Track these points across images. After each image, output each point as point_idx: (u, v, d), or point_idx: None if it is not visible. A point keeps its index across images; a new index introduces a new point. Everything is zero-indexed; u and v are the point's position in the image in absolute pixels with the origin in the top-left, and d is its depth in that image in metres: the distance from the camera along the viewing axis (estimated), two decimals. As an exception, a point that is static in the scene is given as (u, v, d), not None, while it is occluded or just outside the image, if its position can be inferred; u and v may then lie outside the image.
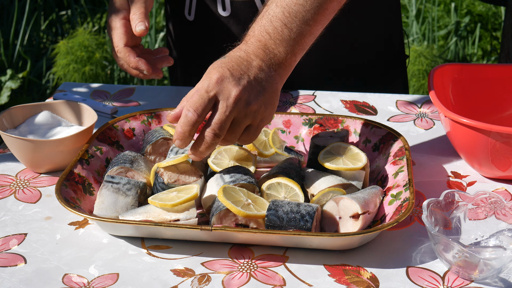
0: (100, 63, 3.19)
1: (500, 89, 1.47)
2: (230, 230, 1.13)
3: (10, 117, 1.38)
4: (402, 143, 1.32)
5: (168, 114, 1.21)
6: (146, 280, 1.11)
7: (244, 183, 1.22)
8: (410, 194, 1.19)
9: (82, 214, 1.16)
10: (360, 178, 1.26)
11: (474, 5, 3.80)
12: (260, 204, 1.18)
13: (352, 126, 1.40)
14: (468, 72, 1.47)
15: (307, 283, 1.10)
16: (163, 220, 1.16)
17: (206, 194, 1.23)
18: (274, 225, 1.15)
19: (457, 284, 1.10)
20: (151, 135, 1.36)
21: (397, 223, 1.14)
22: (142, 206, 1.20)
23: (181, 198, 1.17)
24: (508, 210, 1.15)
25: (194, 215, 1.16)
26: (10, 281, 1.10)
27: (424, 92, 3.23)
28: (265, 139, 1.34)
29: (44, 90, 3.41)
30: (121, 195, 1.21)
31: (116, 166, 1.26)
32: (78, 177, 1.26)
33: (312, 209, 1.15)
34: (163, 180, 1.23)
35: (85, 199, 1.24)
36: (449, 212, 1.17)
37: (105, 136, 1.36)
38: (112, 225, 1.17)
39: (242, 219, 1.17)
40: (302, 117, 1.42)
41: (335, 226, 1.18)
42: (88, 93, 1.64)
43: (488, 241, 1.16)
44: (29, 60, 3.43)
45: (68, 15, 3.86)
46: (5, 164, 1.38)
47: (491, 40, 3.73)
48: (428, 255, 1.16)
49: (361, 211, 1.16)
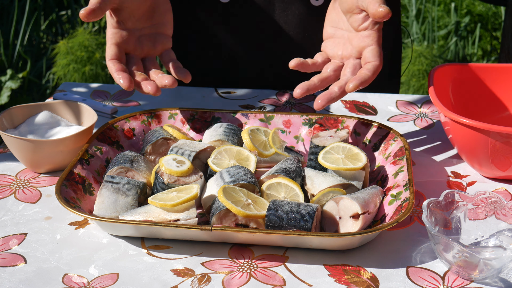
0: (100, 63, 3.19)
1: (500, 88, 1.47)
2: (230, 230, 1.13)
3: (10, 117, 1.38)
4: (402, 143, 1.32)
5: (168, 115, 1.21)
6: (146, 280, 1.11)
7: (244, 183, 1.21)
8: (410, 194, 1.19)
9: (82, 214, 1.16)
10: (360, 178, 1.26)
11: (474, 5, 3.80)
12: (260, 204, 1.18)
13: (352, 126, 1.39)
14: (468, 72, 1.47)
15: (307, 283, 1.10)
16: (163, 220, 1.16)
17: (206, 194, 1.23)
18: (274, 225, 1.15)
19: (457, 284, 1.10)
20: (151, 135, 1.36)
21: (397, 223, 1.14)
22: (142, 206, 1.19)
23: (181, 198, 1.17)
24: (508, 210, 1.15)
25: (194, 215, 1.16)
26: (10, 281, 1.10)
27: (424, 92, 3.23)
28: (265, 139, 1.34)
29: (44, 90, 3.42)
30: (121, 195, 1.21)
31: (116, 166, 1.26)
32: (78, 177, 1.26)
33: (312, 209, 1.15)
34: (163, 180, 1.23)
35: (85, 199, 1.24)
36: (449, 212, 1.17)
37: (105, 136, 1.36)
38: (112, 225, 1.17)
39: (242, 219, 1.17)
40: (302, 117, 1.42)
41: (335, 226, 1.18)
42: (88, 93, 1.65)
43: (488, 241, 1.16)
44: (29, 60, 3.43)
45: (68, 15, 3.86)
46: (5, 164, 1.38)
47: (491, 40, 3.73)
48: (428, 255, 1.16)
49: (361, 211, 1.16)
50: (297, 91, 1.25)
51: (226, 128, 1.37)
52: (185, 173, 1.23)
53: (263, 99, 1.62)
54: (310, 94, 1.27)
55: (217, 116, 1.43)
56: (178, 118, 1.43)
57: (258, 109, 1.44)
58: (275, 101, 1.61)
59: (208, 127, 1.40)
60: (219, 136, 1.35)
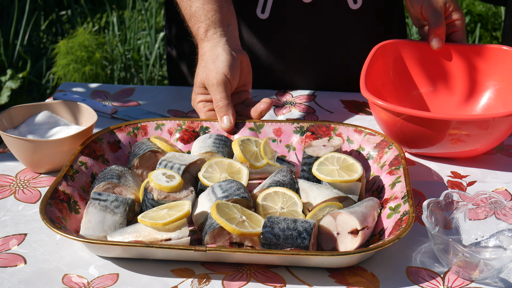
0: (100, 63, 3.18)
1: (433, 64, 1.53)
2: (226, 250, 1.09)
3: (10, 117, 1.38)
4: (398, 151, 1.29)
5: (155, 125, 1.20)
6: (146, 280, 1.11)
7: (237, 199, 1.17)
8: (409, 207, 1.15)
9: (69, 235, 1.11)
10: (356, 190, 1.22)
11: (474, 5, 3.80)
12: (255, 221, 1.13)
13: (345, 134, 1.35)
14: (409, 48, 1.53)
15: (307, 283, 1.10)
16: (154, 239, 1.11)
17: (198, 211, 1.18)
18: (270, 243, 1.10)
19: (457, 284, 1.10)
20: (138, 148, 1.31)
21: (398, 240, 1.10)
22: (132, 225, 1.14)
23: (173, 216, 1.12)
24: (508, 210, 1.15)
25: (186, 233, 1.11)
26: (10, 281, 1.10)
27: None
28: (256, 149, 1.29)
29: (44, 90, 3.41)
30: (108, 213, 1.16)
31: (103, 182, 1.21)
32: (63, 194, 1.20)
33: (310, 226, 1.11)
34: (152, 196, 1.17)
35: (70, 218, 1.19)
36: (449, 212, 1.17)
37: (90, 149, 1.31)
38: (100, 247, 1.12)
39: (236, 237, 1.12)
40: (293, 125, 1.37)
41: (332, 242, 1.14)
42: (88, 93, 1.64)
43: (488, 241, 1.16)
44: (29, 60, 3.43)
45: (68, 15, 3.86)
46: (5, 164, 1.38)
47: (491, 40, 3.73)
48: (428, 255, 1.15)
49: (360, 227, 1.12)
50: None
51: (216, 139, 1.32)
52: (176, 188, 1.18)
53: (263, 99, 1.62)
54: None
55: (205, 126, 1.38)
56: (165, 128, 1.38)
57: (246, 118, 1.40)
58: (275, 101, 1.61)
59: (197, 138, 1.36)
60: (208, 148, 1.30)
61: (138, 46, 3.62)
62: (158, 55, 3.51)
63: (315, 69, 1.66)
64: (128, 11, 3.73)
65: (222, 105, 1.37)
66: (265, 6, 1.61)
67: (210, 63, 1.39)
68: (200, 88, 1.41)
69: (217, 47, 1.40)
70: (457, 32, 1.53)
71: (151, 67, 3.52)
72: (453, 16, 1.52)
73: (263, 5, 1.61)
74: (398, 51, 1.52)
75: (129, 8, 3.74)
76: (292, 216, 1.16)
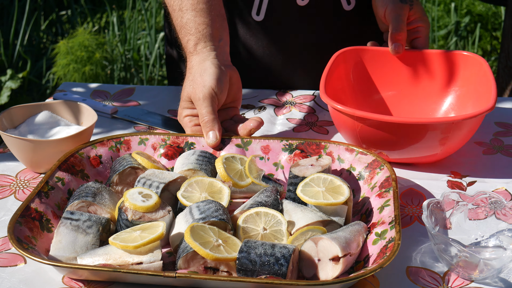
0: (100, 63, 3.19)
1: (395, 70, 1.53)
2: (196, 277, 1.02)
3: (10, 117, 1.38)
4: (389, 172, 1.23)
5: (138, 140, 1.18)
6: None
7: (215, 221, 1.11)
8: (396, 233, 1.09)
9: (35, 257, 1.05)
10: (342, 214, 1.15)
11: (474, 5, 3.80)
12: (231, 245, 1.08)
13: (335, 152, 1.30)
14: (370, 55, 1.53)
15: (307, 283, 1.10)
16: (125, 263, 1.06)
17: (174, 232, 1.13)
18: (246, 269, 1.05)
19: (457, 284, 1.10)
20: (119, 164, 1.26)
21: (380, 269, 1.04)
22: (103, 247, 1.09)
23: (145, 238, 1.07)
24: (508, 210, 1.15)
25: (158, 257, 1.07)
26: (10, 281, 1.10)
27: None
28: (241, 168, 1.25)
29: (44, 90, 3.42)
30: (80, 233, 1.11)
31: (77, 200, 1.16)
32: (35, 212, 1.15)
33: (288, 252, 1.05)
34: (126, 217, 1.12)
35: (42, 237, 1.14)
36: (449, 212, 1.17)
37: (69, 164, 1.26)
38: (69, 269, 1.07)
39: (211, 262, 1.07)
40: (282, 142, 1.32)
41: (313, 269, 1.08)
42: (88, 93, 1.64)
43: (488, 241, 1.16)
44: (29, 60, 3.43)
45: (68, 15, 3.86)
46: (5, 164, 1.38)
47: (491, 40, 3.73)
48: (428, 255, 1.15)
49: (341, 254, 1.06)
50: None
51: (199, 156, 1.28)
52: (152, 208, 1.14)
53: (263, 99, 1.62)
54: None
55: (190, 142, 1.34)
56: (148, 143, 1.34)
57: (235, 135, 1.35)
58: (275, 101, 1.61)
59: (181, 154, 1.31)
60: (191, 165, 1.25)
61: (138, 46, 3.62)
62: (158, 55, 3.51)
63: (313, 69, 1.66)
64: (128, 11, 3.73)
65: (208, 119, 1.33)
66: (260, 8, 1.61)
67: (197, 76, 1.36)
68: (186, 102, 1.38)
69: (205, 61, 1.37)
70: (419, 39, 1.52)
71: (151, 67, 3.52)
72: (416, 23, 1.51)
73: (258, 7, 1.61)
74: (359, 56, 1.52)
75: (129, 8, 3.74)
76: (276, 237, 1.12)
